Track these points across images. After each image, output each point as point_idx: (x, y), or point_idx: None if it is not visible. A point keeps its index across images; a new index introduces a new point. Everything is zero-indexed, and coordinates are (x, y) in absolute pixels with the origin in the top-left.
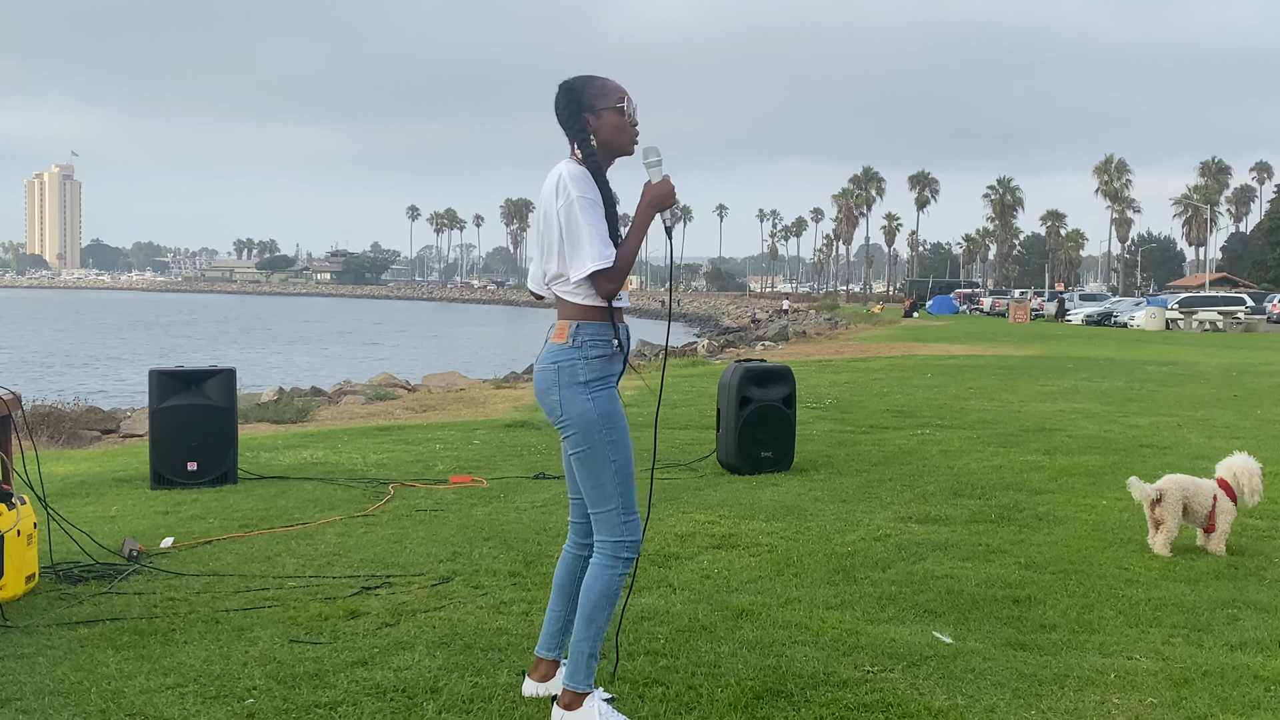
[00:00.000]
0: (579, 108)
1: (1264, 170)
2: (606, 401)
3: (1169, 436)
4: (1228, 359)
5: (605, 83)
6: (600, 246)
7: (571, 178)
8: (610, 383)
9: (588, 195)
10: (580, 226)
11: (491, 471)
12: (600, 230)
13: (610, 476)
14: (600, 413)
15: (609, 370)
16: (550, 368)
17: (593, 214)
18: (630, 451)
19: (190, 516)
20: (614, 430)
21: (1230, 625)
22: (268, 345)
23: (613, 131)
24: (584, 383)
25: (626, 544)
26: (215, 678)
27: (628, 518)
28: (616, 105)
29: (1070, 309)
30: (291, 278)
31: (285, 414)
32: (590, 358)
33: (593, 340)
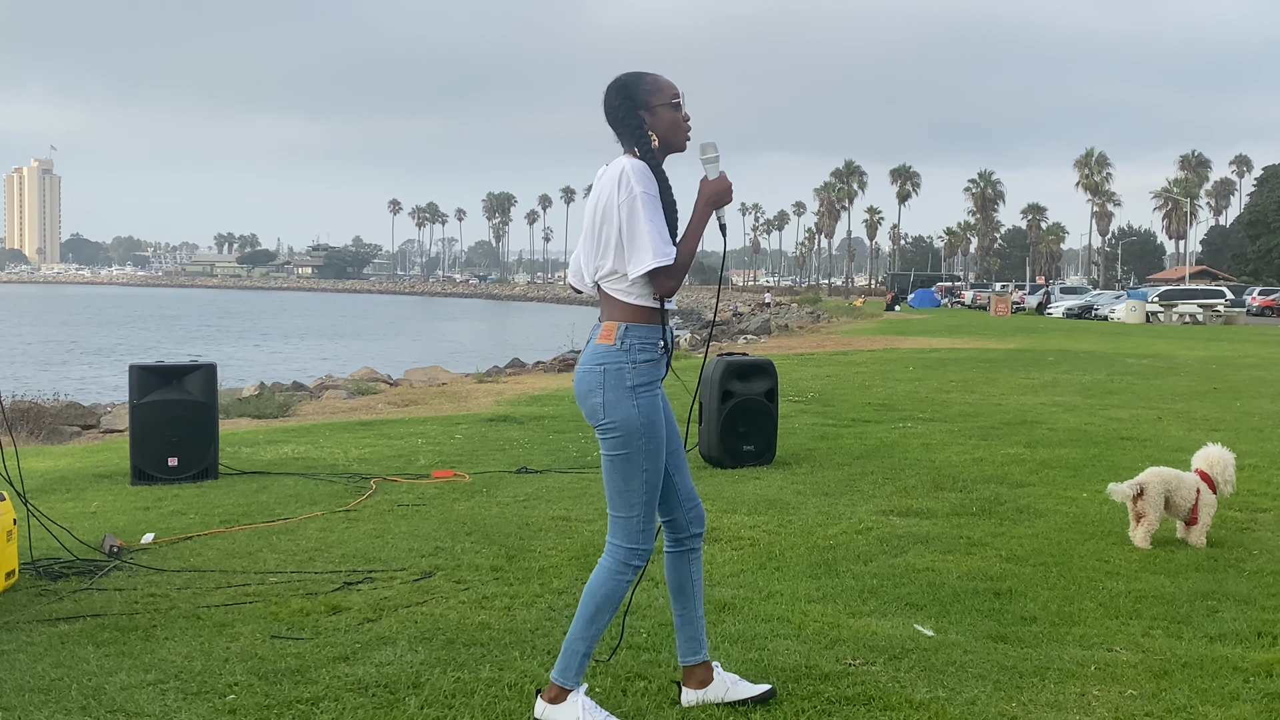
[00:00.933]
0: (634, 105)
1: (1243, 164)
2: (650, 409)
3: (1149, 429)
4: (1207, 352)
5: (657, 79)
6: (661, 244)
7: (635, 172)
8: (655, 387)
9: (650, 191)
10: (641, 223)
11: (474, 466)
12: (661, 227)
13: (639, 485)
14: (644, 420)
15: (655, 375)
16: (595, 369)
17: (654, 210)
18: (662, 462)
19: (171, 512)
20: (653, 440)
21: (1210, 617)
22: (249, 340)
23: (668, 128)
24: (631, 387)
25: (640, 552)
26: (196, 674)
27: (647, 527)
28: (672, 101)
29: (1052, 302)
30: (273, 272)
31: (266, 409)
32: (638, 361)
33: (641, 344)
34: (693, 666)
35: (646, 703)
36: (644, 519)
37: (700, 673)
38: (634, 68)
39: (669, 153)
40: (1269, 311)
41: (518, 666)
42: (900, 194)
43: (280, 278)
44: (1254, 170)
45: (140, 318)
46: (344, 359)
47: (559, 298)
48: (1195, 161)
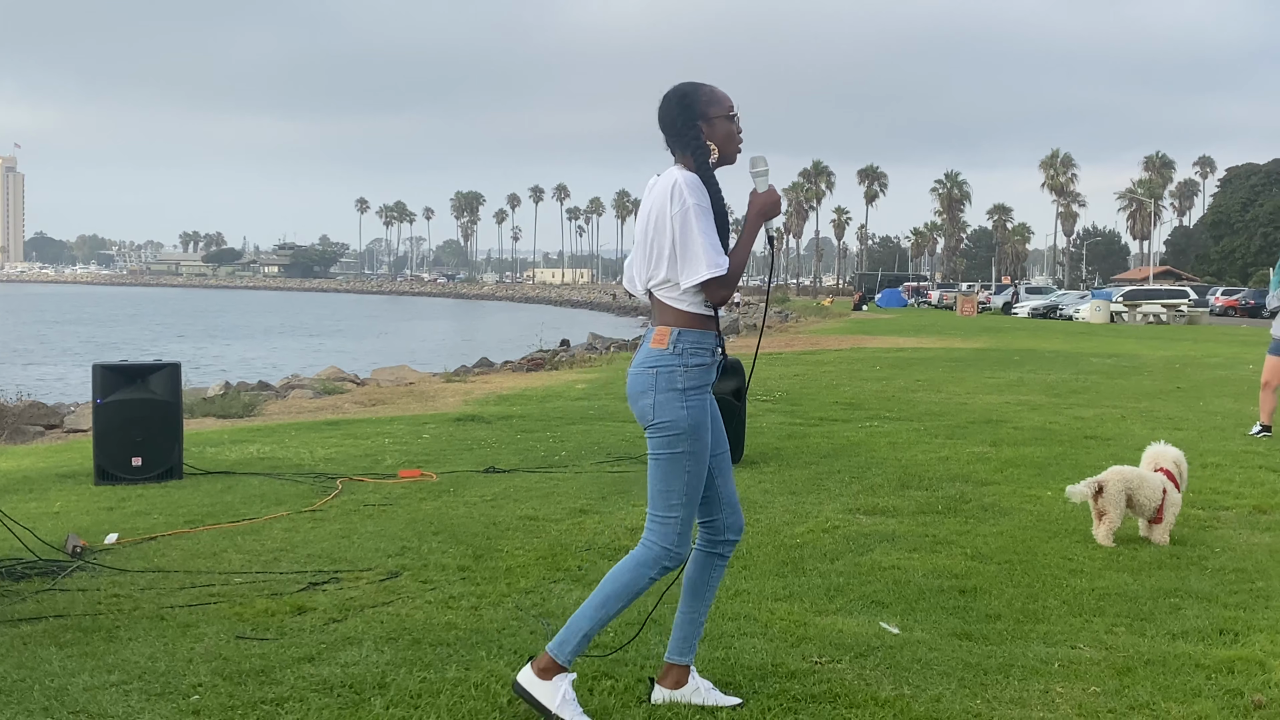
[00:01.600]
0: (693, 115)
1: (1207, 165)
2: (699, 412)
3: (1113, 428)
4: (1171, 351)
5: (714, 90)
6: (714, 254)
7: (688, 185)
8: (705, 391)
9: (702, 203)
10: (694, 234)
11: (441, 466)
12: (713, 238)
13: (681, 487)
14: (692, 423)
15: (706, 379)
16: (648, 371)
17: (706, 222)
18: (705, 467)
19: (135, 512)
20: (698, 443)
21: (1172, 614)
22: (214, 339)
23: (724, 140)
24: (681, 390)
25: (674, 554)
26: (160, 674)
27: (684, 530)
28: (729, 114)
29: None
30: (238, 271)
31: (231, 409)
32: (690, 365)
33: (694, 348)
34: (674, 666)
35: (613, 701)
36: (682, 522)
37: (678, 674)
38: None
39: (721, 165)
40: (1232, 311)
41: (484, 666)
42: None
43: (246, 276)
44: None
45: (104, 317)
46: (310, 358)
47: (527, 297)
48: (1159, 163)
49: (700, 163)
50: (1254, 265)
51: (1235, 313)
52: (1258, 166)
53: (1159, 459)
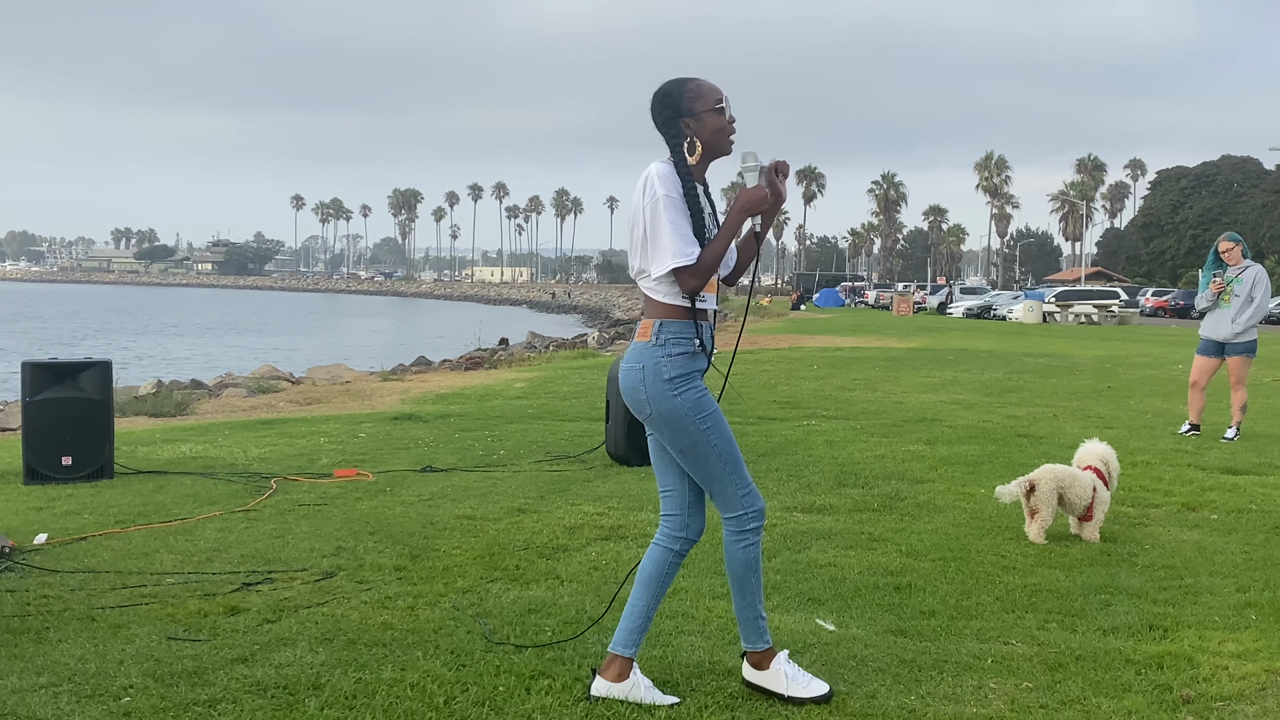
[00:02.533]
0: (675, 113)
1: (1138, 167)
2: (693, 394)
3: (1045, 426)
4: (1102, 351)
5: (700, 84)
6: (681, 244)
7: (659, 176)
8: (694, 378)
9: (672, 194)
10: (662, 224)
11: (378, 465)
12: (681, 228)
13: (716, 459)
14: (689, 405)
15: (692, 366)
16: (636, 368)
17: (675, 212)
18: (729, 431)
19: (65, 512)
20: (707, 417)
21: (1103, 610)
22: (146, 337)
23: (712, 134)
24: (669, 380)
25: (750, 514)
26: (90, 676)
27: (744, 490)
28: (715, 107)
29: (953, 302)
30: (172, 268)
31: (164, 407)
32: (673, 355)
33: (675, 338)
34: (618, 658)
35: (551, 701)
36: (737, 485)
37: (621, 666)
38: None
39: (713, 157)
40: (1162, 312)
41: (420, 666)
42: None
43: (179, 274)
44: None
45: (34, 314)
46: (245, 356)
47: (466, 295)
48: (1091, 165)
49: (679, 158)
50: (1183, 266)
51: (1165, 313)
52: (1187, 169)
53: (1086, 457)
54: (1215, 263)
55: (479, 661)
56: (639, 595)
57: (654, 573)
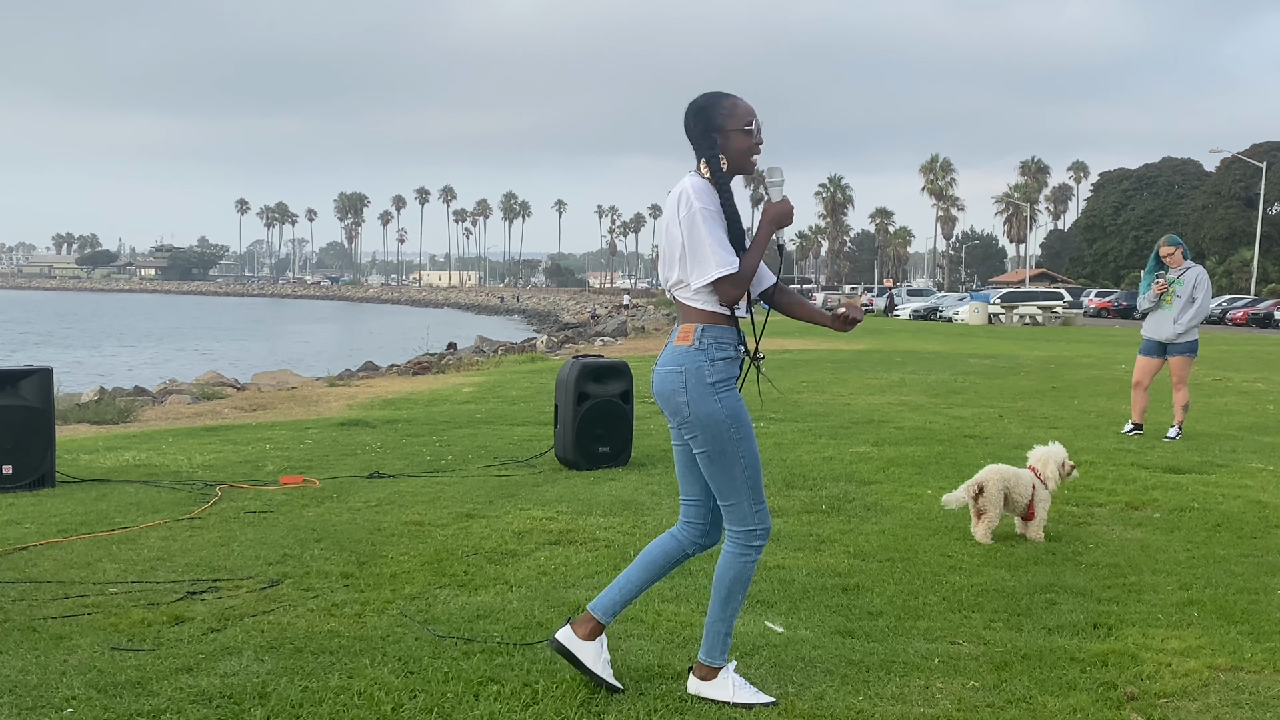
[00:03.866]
0: (709, 127)
1: (1081, 170)
2: (732, 400)
3: (991, 427)
4: (1046, 352)
5: (736, 104)
6: (723, 253)
7: (695, 190)
8: (733, 384)
9: (709, 207)
10: (703, 236)
11: (324, 471)
12: (721, 239)
13: (740, 471)
14: (728, 412)
15: (732, 372)
16: (676, 370)
17: (714, 224)
18: (756, 446)
19: (5, 522)
20: (741, 427)
21: (1048, 609)
22: (88, 343)
23: (737, 153)
24: (711, 384)
25: (758, 532)
26: (32, 688)
27: (757, 507)
28: (745, 127)
29: (899, 304)
30: (114, 274)
31: (106, 414)
32: (716, 359)
33: (718, 343)
34: (593, 619)
35: (500, 706)
36: (752, 500)
37: (593, 627)
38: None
39: (737, 174)
40: (1105, 313)
41: (368, 674)
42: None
43: (122, 279)
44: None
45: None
46: (188, 363)
47: (414, 300)
48: (1035, 167)
49: (713, 171)
50: (1126, 268)
51: (1108, 314)
52: (1129, 171)
53: (1034, 457)
54: (1157, 265)
55: (427, 668)
56: (638, 573)
57: (661, 562)
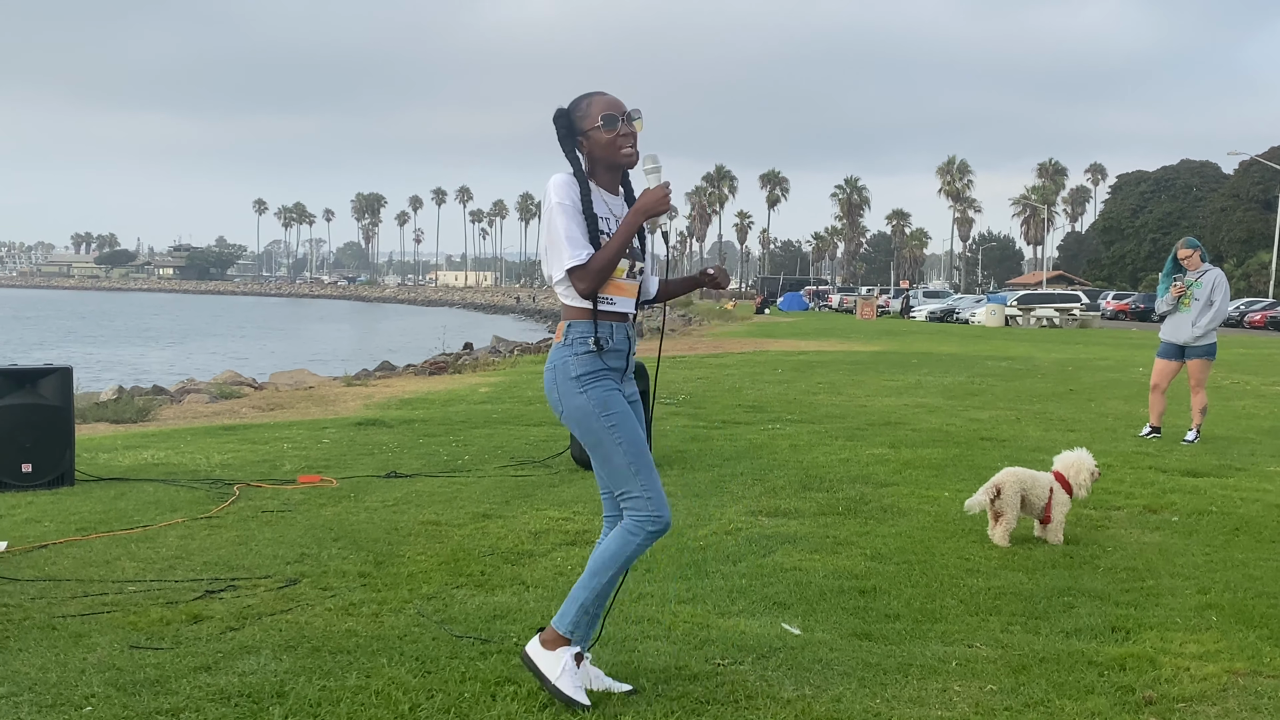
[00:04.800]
0: (570, 132)
1: (1099, 172)
2: (600, 392)
3: (1008, 429)
4: (1064, 354)
5: (590, 104)
6: (572, 247)
7: (554, 185)
8: (603, 376)
9: (565, 201)
10: (557, 229)
11: (341, 471)
12: (574, 232)
13: (622, 457)
14: (595, 401)
15: (597, 365)
16: (550, 369)
17: (568, 218)
18: (637, 433)
19: (25, 520)
20: (612, 415)
21: (1066, 613)
22: (107, 342)
23: (601, 149)
24: (575, 378)
25: (652, 518)
26: (52, 685)
27: (649, 494)
28: (597, 125)
29: (915, 306)
30: (132, 273)
31: (125, 413)
32: (579, 354)
33: (581, 337)
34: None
35: (517, 707)
36: (644, 486)
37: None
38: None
39: (614, 168)
40: (1122, 315)
41: (385, 674)
42: (770, 199)
43: (140, 278)
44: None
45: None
46: (206, 362)
47: (430, 300)
48: (1053, 169)
49: (575, 169)
50: (1144, 270)
51: (1126, 316)
52: (1147, 174)
53: (1061, 462)
54: (1174, 268)
55: (444, 668)
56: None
57: None
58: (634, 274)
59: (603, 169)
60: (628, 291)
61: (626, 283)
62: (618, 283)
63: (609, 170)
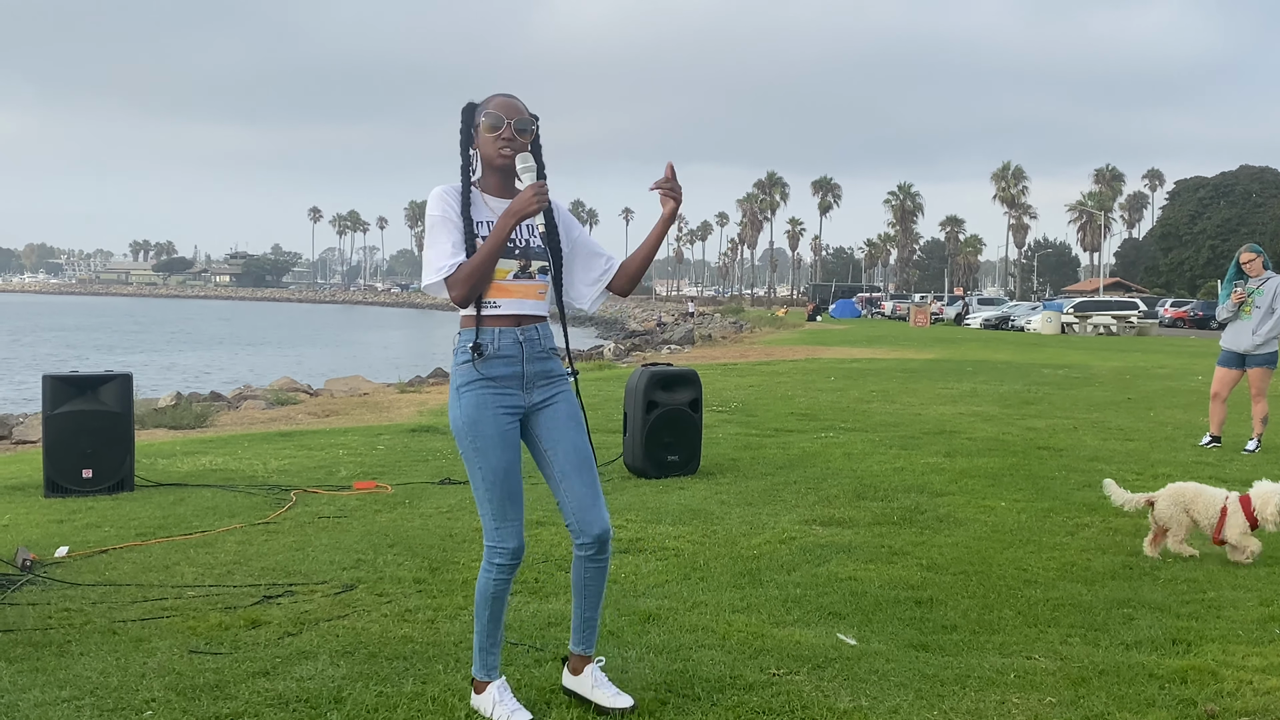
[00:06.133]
0: (466, 139)
1: (1156, 178)
2: (472, 408)
3: (1065, 439)
4: (1121, 362)
5: (486, 103)
6: (436, 260)
7: (431, 199)
8: (478, 387)
9: (434, 213)
10: (427, 244)
11: (396, 477)
12: (440, 245)
13: (479, 483)
14: (465, 419)
15: (473, 375)
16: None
17: (439, 230)
18: (496, 460)
19: (86, 525)
20: (477, 438)
21: (1126, 625)
22: (165, 349)
23: (483, 147)
24: (456, 388)
25: (498, 550)
26: (113, 690)
27: (499, 524)
28: (475, 125)
29: (969, 313)
30: (189, 280)
31: (183, 419)
32: (460, 363)
33: (462, 346)
34: (574, 655)
35: (571, 714)
36: (493, 516)
37: (576, 662)
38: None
39: (499, 168)
40: (1181, 323)
41: (441, 680)
42: (822, 205)
43: (197, 286)
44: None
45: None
46: (263, 368)
47: None
48: (1109, 175)
49: (464, 175)
50: (1202, 277)
51: (1184, 324)
52: (1206, 179)
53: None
54: (1236, 274)
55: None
56: (574, 601)
57: (574, 579)
58: (526, 274)
59: (489, 171)
60: (517, 293)
61: (514, 284)
62: (502, 285)
63: (495, 172)
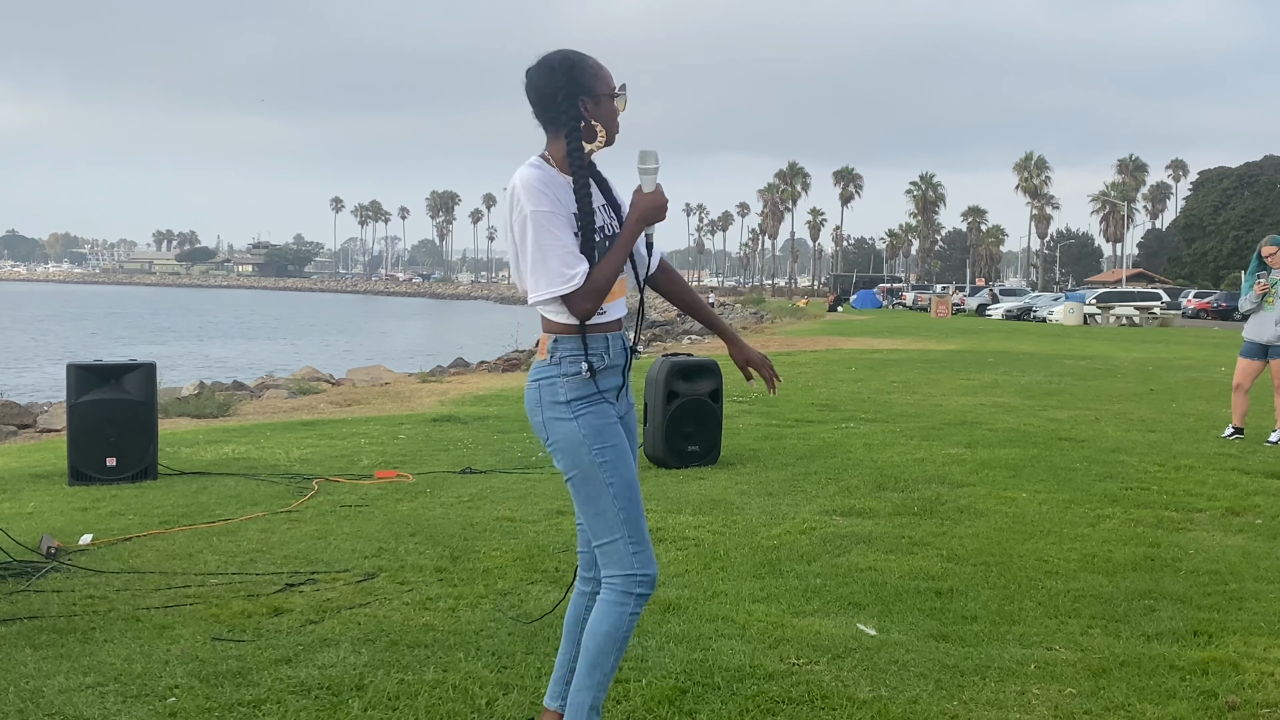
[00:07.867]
0: (577, 88)
1: (1180, 169)
2: (595, 419)
3: (1087, 430)
4: (1144, 354)
5: (600, 65)
6: (559, 268)
7: (524, 188)
8: (596, 400)
9: (542, 208)
10: (534, 245)
11: (417, 466)
12: (558, 251)
13: (610, 501)
14: (587, 431)
15: (590, 389)
16: (533, 385)
17: (547, 229)
18: (631, 473)
19: (109, 513)
20: (606, 449)
21: (1147, 616)
22: (188, 338)
23: (607, 121)
24: (565, 402)
25: (639, 578)
26: (136, 676)
27: (637, 548)
28: (613, 93)
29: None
30: (212, 270)
31: (206, 408)
32: (569, 375)
33: (571, 356)
34: (549, 712)
35: None
36: (629, 539)
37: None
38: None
39: (583, 149)
40: (1204, 314)
41: (462, 668)
42: (843, 196)
43: (220, 275)
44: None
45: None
46: (285, 358)
47: (503, 297)
48: (1133, 166)
49: (574, 145)
50: (1226, 268)
51: (1207, 315)
52: (1229, 170)
53: None
54: (1259, 265)
55: (520, 664)
56: (565, 646)
57: (572, 622)
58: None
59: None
60: (618, 293)
61: (616, 285)
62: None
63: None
